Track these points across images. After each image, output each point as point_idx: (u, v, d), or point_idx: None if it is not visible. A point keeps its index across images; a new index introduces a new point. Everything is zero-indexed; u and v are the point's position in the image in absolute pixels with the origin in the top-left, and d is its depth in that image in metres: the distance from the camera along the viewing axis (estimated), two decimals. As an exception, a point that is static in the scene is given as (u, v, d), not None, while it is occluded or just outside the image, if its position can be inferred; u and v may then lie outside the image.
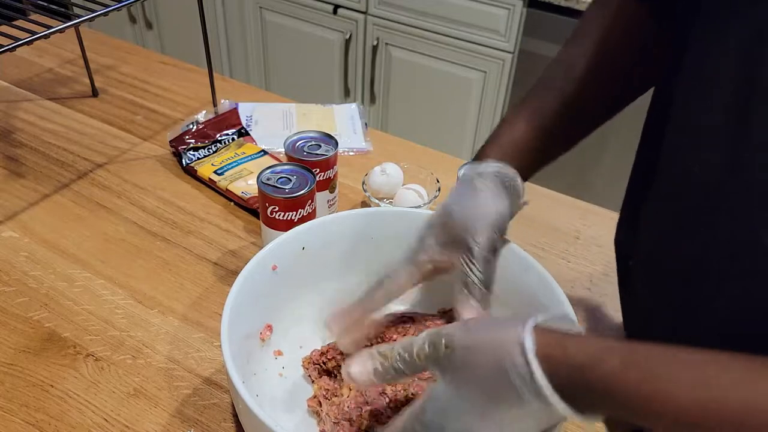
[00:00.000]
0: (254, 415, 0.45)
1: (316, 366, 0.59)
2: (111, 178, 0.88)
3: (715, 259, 0.44)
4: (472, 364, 0.42)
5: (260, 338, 0.60)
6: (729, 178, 0.41)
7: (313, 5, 2.05)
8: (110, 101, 1.05)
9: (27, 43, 0.72)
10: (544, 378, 0.38)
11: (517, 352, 0.39)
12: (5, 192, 0.84)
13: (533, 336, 0.39)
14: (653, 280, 0.53)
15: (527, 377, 0.39)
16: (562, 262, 0.78)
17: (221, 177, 0.86)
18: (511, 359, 0.39)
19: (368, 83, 2.11)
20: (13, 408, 0.58)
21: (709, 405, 0.34)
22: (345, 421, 0.53)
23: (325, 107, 1.07)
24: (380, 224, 0.66)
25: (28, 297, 0.69)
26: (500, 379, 0.40)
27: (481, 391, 0.41)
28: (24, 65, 1.13)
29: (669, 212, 0.50)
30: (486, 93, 1.90)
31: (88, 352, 0.64)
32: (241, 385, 0.47)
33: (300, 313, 0.64)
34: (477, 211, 0.53)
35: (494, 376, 0.40)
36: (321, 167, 0.77)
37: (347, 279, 0.64)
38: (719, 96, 0.42)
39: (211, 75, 0.98)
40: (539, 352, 0.39)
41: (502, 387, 0.40)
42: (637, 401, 0.36)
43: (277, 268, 0.60)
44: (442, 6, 1.83)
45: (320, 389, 0.57)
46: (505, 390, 0.40)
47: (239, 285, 0.56)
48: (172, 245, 0.77)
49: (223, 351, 0.49)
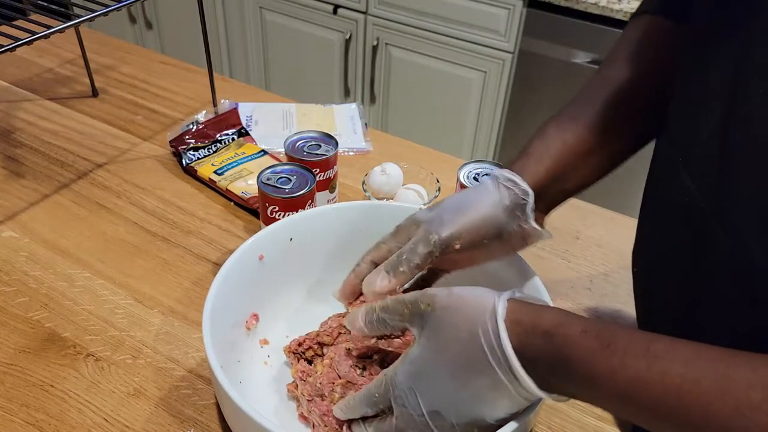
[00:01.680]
0: (231, 400, 0.46)
1: (294, 354, 0.60)
2: (111, 178, 0.88)
3: (703, 274, 0.44)
4: (448, 324, 0.43)
5: (246, 327, 0.61)
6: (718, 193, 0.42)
7: (313, 5, 2.05)
8: (110, 101, 1.05)
9: (27, 43, 0.72)
10: (508, 341, 0.40)
11: (489, 317, 0.41)
12: (5, 192, 0.84)
13: (507, 304, 0.42)
14: (648, 289, 0.54)
15: (496, 341, 0.40)
16: (562, 262, 0.78)
17: (221, 177, 0.86)
18: (483, 322, 0.41)
19: (368, 83, 2.11)
20: (13, 408, 0.58)
21: (651, 377, 0.35)
22: (318, 397, 0.54)
23: (325, 107, 1.07)
24: (370, 218, 0.66)
25: (28, 297, 0.69)
26: (472, 342, 0.41)
27: (454, 354, 0.42)
28: (24, 65, 1.13)
29: (661, 225, 0.50)
30: (486, 93, 1.90)
31: (88, 352, 0.64)
32: (219, 369, 0.48)
33: (287, 303, 0.65)
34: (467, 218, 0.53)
35: (467, 339, 0.42)
36: (321, 167, 0.77)
37: (336, 271, 0.64)
38: (705, 121, 0.43)
39: (211, 75, 0.98)
40: (509, 318, 0.41)
41: (473, 351, 0.41)
42: (588, 369, 0.37)
43: (264, 258, 0.61)
44: (442, 6, 1.83)
45: (297, 372, 0.58)
46: (476, 354, 0.41)
47: (224, 274, 0.56)
48: (172, 245, 0.77)
49: (204, 336, 0.50)
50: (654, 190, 0.53)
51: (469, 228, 0.51)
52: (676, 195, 0.46)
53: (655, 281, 0.54)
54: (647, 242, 0.55)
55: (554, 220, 0.84)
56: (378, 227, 0.64)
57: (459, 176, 0.77)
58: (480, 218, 0.52)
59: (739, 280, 0.41)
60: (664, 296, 0.52)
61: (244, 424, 0.47)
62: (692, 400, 0.34)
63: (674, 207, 0.47)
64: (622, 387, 0.36)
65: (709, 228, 0.42)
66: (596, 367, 0.37)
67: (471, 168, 0.78)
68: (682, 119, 0.47)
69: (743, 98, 0.39)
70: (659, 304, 0.53)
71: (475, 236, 0.52)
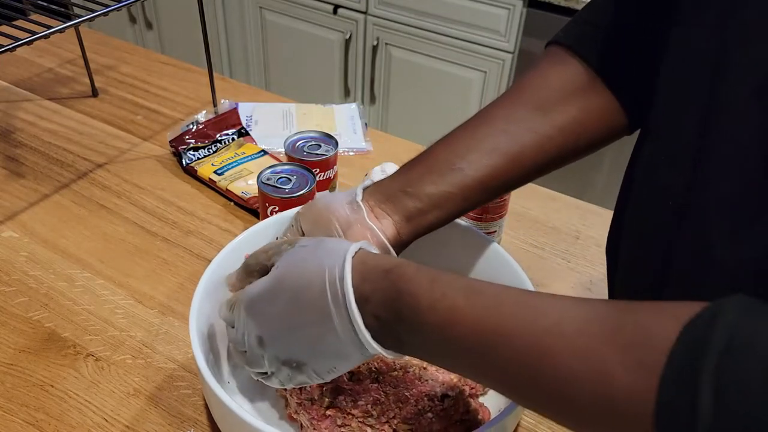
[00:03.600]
0: (219, 399, 0.46)
1: None
2: (111, 178, 0.88)
3: (674, 274, 0.45)
4: (299, 258, 0.45)
5: None
6: (689, 196, 0.42)
7: (313, 5, 2.05)
8: (110, 101, 1.05)
9: (27, 43, 0.72)
10: (349, 275, 0.41)
11: (339, 255, 0.42)
12: (5, 192, 0.84)
13: (358, 248, 0.43)
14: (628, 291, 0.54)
15: (339, 274, 0.41)
16: (562, 262, 0.78)
17: (221, 177, 0.86)
18: (332, 260, 0.42)
19: (368, 83, 2.11)
20: (13, 408, 0.58)
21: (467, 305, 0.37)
22: (307, 401, 0.54)
23: (325, 107, 1.07)
24: None
25: (28, 297, 0.69)
26: (315, 274, 0.42)
27: (293, 284, 0.43)
28: (24, 65, 1.13)
29: (638, 226, 0.51)
30: (486, 93, 1.90)
31: (88, 352, 0.64)
32: (206, 369, 0.48)
33: None
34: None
35: (311, 272, 0.43)
36: (321, 167, 0.77)
37: None
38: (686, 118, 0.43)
39: (211, 75, 0.98)
40: (357, 258, 0.42)
41: (312, 281, 0.42)
42: (414, 301, 0.39)
43: None
44: (442, 6, 1.83)
45: None
46: (313, 287, 0.42)
47: (210, 273, 0.57)
48: (172, 245, 0.77)
49: (190, 336, 0.51)
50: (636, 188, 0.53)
51: None
52: (657, 193, 0.47)
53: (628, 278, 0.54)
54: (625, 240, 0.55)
55: (554, 220, 0.85)
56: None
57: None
58: None
59: (701, 273, 0.42)
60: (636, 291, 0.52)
61: (231, 423, 0.48)
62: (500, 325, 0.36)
63: (653, 206, 0.48)
64: (441, 317, 0.38)
65: (681, 224, 0.43)
66: (420, 298, 0.39)
67: (471, 168, 0.78)
68: (665, 115, 0.47)
69: (721, 97, 0.40)
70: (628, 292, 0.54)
71: None
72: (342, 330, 0.41)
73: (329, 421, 0.53)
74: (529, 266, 0.71)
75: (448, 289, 0.38)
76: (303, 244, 0.46)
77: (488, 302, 0.37)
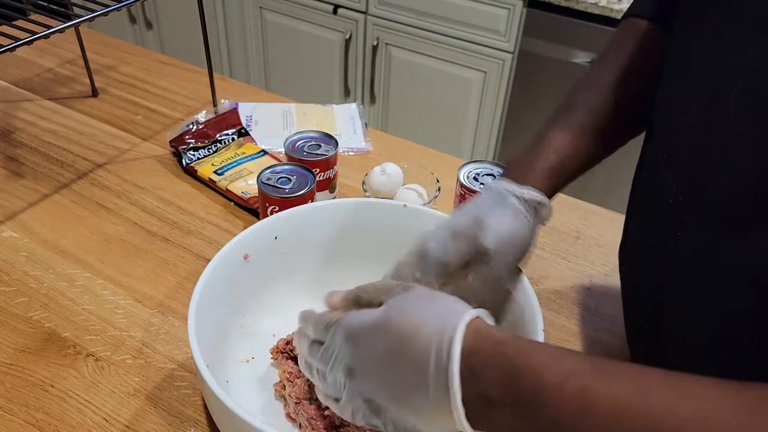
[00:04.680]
0: (218, 399, 0.46)
1: (282, 354, 0.60)
2: (111, 178, 0.88)
3: (678, 274, 0.45)
4: (413, 306, 0.42)
5: (232, 326, 0.61)
6: (690, 195, 0.43)
7: (313, 5, 2.05)
8: (110, 101, 1.05)
9: (27, 43, 0.72)
10: (459, 342, 0.38)
11: (455, 316, 0.39)
12: (5, 192, 0.84)
13: (474, 315, 0.40)
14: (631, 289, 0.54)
15: (447, 342, 0.38)
16: (562, 262, 0.78)
17: (221, 177, 0.86)
18: (444, 319, 0.40)
19: (368, 83, 2.11)
20: (13, 408, 0.58)
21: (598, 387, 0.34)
22: (305, 401, 0.54)
23: (325, 107, 1.07)
24: (358, 216, 0.66)
25: (28, 297, 0.69)
26: (423, 332, 0.40)
27: (397, 335, 0.41)
28: (24, 65, 1.13)
29: (641, 224, 0.51)
30: (486, 93, 1.90)
31: (88, 352, 0.64)
32: (205, 369, 0.48)
33: (273, 302, 0.65)
34: (511, 237, 0.53)
35: (422, 327, 0.40)
36: (321, 167, 0.77)
37: (322, 270, 0.64)
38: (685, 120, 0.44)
39: (211, 75, 0.98)
40: (471, 326, 0.39)
41: (420, 345, 0.39)
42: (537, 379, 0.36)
43: (248, 257, 0.61)
44: (442, 6, 1.83)
45: (284, 373, 0.58)
46: (418, 346, 0.39)
47: (209, 273, 0.56)
48: (172, 245, 0.77)
49: (189, 336, 0.50)
50: (640, 186, 0.54)
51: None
52: (659, 191, 0.47)
53: (634, 277, 0.54)
54: (631, 238, 0.56)
55: (554, 220, 0.84)
56: (363, 225, 0.64)
57: (459, 176, 0.77)
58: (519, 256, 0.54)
59: (707, 275, 0.41)
60: (642, 291, 0.52)
61: (230, 422, 0.47)
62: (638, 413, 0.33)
63: (656, 204, 0.48)
64: (567, 395, 0.35)
65: (684, 224, 0.43)
66: (545, 376, 0.36)
67: (471, 168, 0.78)
68: (665, 118, 0.48)
69: (720, 100, 0.40)
70: (638, 299, 0.54)
71: None
72: (434, 395, 0.38)
73: (328, 421, 0.53)
74: (529, 266, 0.71)
75: (574, 369, 0.35)
76: (418, 294, 0.44)
77: (623, 383, 0.34)
